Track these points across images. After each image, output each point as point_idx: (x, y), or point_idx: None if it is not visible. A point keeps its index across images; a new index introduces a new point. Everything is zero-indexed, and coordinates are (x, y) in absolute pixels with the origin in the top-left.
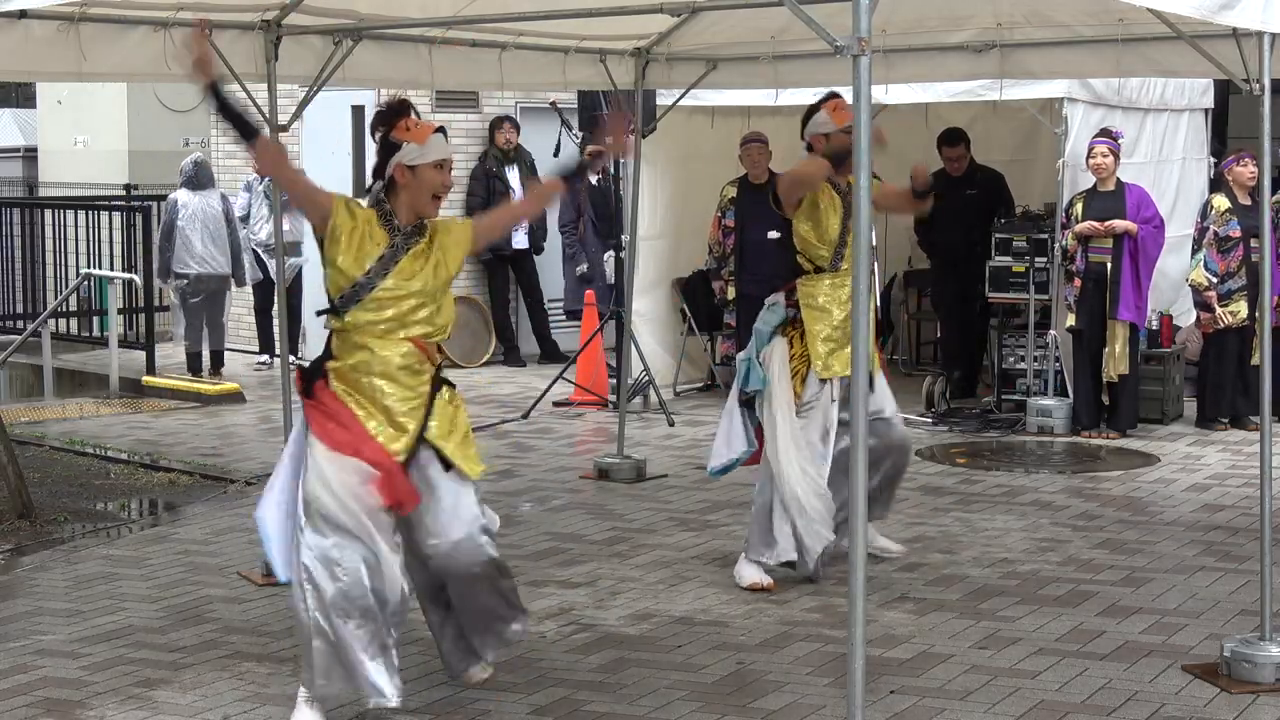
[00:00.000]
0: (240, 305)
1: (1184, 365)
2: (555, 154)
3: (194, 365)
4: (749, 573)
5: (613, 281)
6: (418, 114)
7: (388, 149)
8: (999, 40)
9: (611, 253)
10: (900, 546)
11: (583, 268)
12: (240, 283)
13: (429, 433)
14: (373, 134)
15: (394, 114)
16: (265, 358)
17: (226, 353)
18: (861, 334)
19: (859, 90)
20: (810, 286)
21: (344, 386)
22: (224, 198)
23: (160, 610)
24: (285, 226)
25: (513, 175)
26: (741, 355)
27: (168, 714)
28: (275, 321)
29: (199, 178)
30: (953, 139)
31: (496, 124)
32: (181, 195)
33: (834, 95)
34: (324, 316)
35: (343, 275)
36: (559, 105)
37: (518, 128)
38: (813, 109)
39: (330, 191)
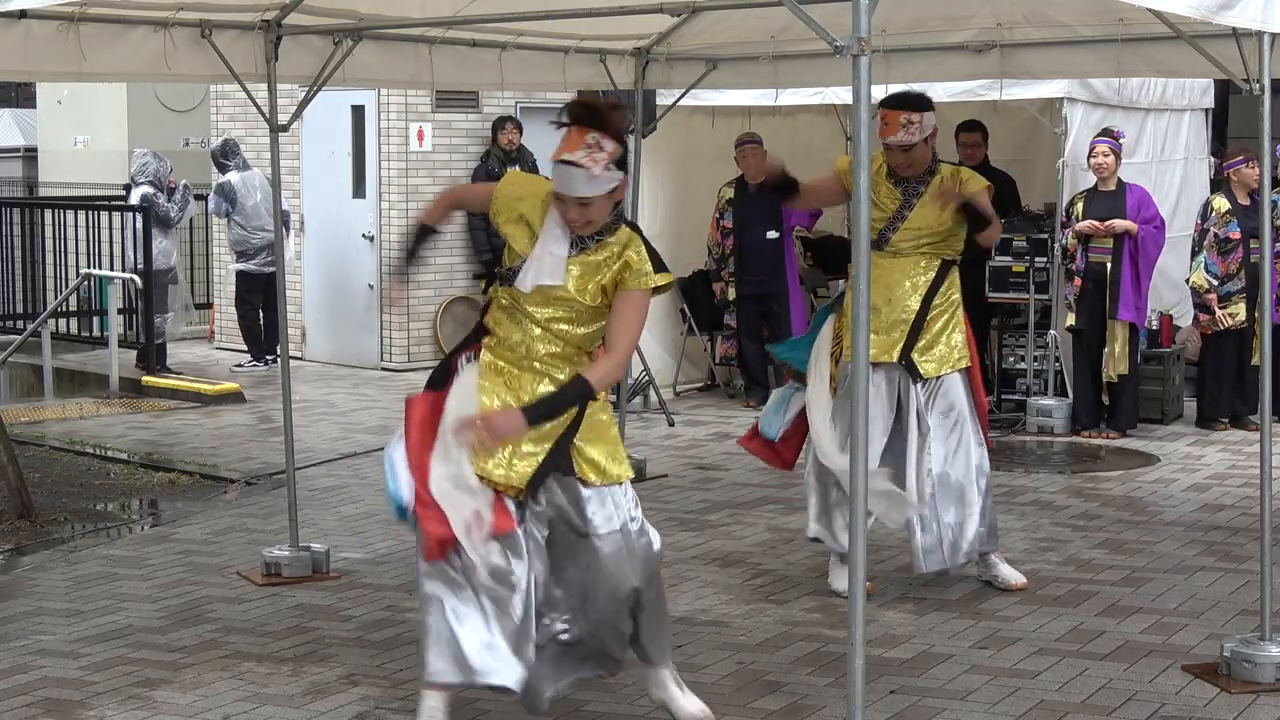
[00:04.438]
0: None
1: (1184, 365)
2: None
3: (143, 358)
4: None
5: None
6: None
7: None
8: (999, 40)
9: None
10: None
11: None
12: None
13: None
14: None
15: None
16: (244, 360)
17: (226, 352)
18: (862, 324)
19: (859, 90)
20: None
21: None
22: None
23: (160, 610)
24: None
25: None
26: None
27: (168, 714)
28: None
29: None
30: (970, 125)
31: (499, 124)
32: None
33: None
34: None
35: None
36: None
37: (520, 128)
38: None
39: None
